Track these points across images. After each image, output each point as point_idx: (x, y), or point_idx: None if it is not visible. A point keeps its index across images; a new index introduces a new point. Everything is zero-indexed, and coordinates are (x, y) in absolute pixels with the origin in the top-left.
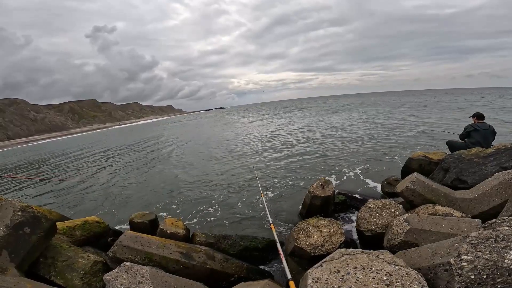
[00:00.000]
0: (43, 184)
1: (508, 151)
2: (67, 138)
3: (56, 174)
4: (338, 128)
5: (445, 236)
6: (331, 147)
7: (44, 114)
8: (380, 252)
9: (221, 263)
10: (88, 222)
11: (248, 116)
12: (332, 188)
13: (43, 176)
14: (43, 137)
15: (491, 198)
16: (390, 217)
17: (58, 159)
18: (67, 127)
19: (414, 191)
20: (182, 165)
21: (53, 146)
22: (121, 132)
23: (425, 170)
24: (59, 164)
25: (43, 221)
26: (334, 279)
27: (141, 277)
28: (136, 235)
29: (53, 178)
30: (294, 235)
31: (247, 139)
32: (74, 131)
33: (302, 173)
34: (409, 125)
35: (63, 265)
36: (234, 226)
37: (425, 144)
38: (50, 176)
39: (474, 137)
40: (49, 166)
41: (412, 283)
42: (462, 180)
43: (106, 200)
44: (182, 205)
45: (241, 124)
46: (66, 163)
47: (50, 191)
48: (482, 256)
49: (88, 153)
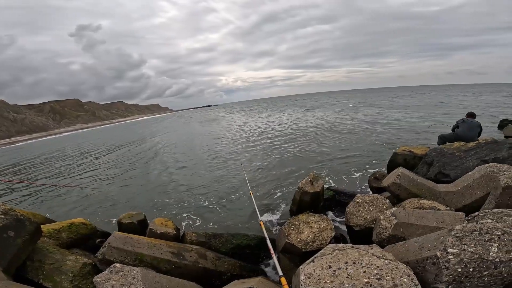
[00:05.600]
0: (24, 188)
1: (489, 145)
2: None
3: (31, 178)
4: (325, 124)
5: (431, 229)
6: (319, 143)
7: (24, 115)
8: (370, 247)
9: (214, 261)
10: (74, 224)
11: (235, 113)
12: (321, 184)
13: (21, 179)
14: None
15: (473, 191)
16: (377, 211)
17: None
18: (48, 128)
19: (399, 185)
20: (167, 164)
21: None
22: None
23: (410, 165)
24: (36, 167)
25: (27, 224)
26: (326, 274)
27: (132, 278)
28: (125, 236)
29: (27, 181)
30: (285, 231)
31: (233, 137)
32: (56, 132)
33: (290, 169)
34: (395, 121)
35: (51, 268)
36: (224, 224)
37: (410, 138)
38: (24, 179)
39: (461, 127)
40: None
41: (402, 276)
42: (445, 174)
43: (92, 202)
44: (171, 204)
45: (228, 122)
46: (46, 166)
47: (32, 195)
48: (467, 249)
49: (64, 155)
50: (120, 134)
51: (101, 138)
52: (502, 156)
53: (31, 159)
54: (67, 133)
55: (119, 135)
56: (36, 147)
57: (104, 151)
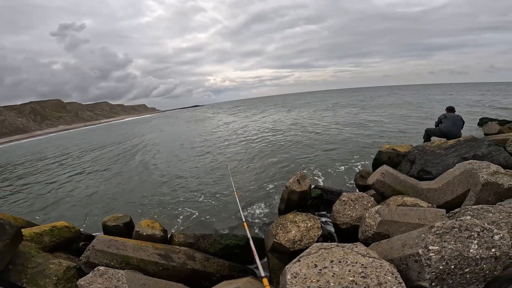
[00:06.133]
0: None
1: (468, 142)
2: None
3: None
4: (311, 123)
5: (413, 226)
6: (305, 142)
7: (4, 116)
8: (354, 245)
9: (202, 262)
10: (57, 228)
11: (221, 113)
12: (308, 183)
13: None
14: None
15: (454, 188)
16: (363, 209)
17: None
18: (29, 129)
19: (384, 183)
20: (151, 165)
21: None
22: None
23: (394, 162)
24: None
25: (7, 228)
26: (312, 273)
27: (117, 281)
28: (109, 239)
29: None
30: (272, 231)
31: (218, 137)
32: (37, 133)
33: (276, 168)
34: (379, 120)
35: (34, 271)
36: (212, 225)
37: (394, 136)
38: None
39: (445, 122)
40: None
41: (386, 274)
42: (427, 171)
43: (75, 205)
44: (156, 206)
45: (214, 122)
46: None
47: (14, 197)
48: (448, 246)
49: (45, 158)
50: (103, 135)
51: (86, 139)
52: (482, 153)
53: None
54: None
55: (102, 136)
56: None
57: (83, 152)
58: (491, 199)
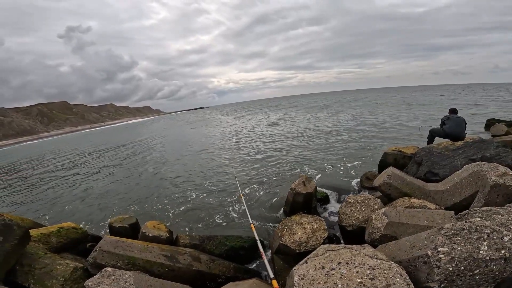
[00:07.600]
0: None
1: (476, 144)
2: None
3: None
4: (316, 125)
5: (421, 228)
6: (309, 144)
7: (11, 118)
8: (362, 247)
9: (208, 264)
10: (64, 228)
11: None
12: (314, 185)
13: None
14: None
15: (462, 190)
16: (369, 211)
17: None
18: (36, 131)
19: (390, 185)
20: (158, 167)
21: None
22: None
23: (400, 164)
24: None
25: (15, 229)
26: (319, 275)
27: (124, 282)
28: (116, 240)
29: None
30: (278, 233)
31: (223, 138)
32: (44, 135)
33: (282, 170)
34: (385, 121)
35: (41, 272)
36: (217, 227)
37: (401, 138)
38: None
39: (448, 124)
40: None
41: (394, 276)
42: (434, 173)
43: (82, 206)
44: (162, 207)
45: (219, 123)
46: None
47: (22, 198)
48: (457, 248)
49: (57, 159)
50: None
51: (93, 141)
52: (490, 154)
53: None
54: (56, 136)
55: (108, 138)
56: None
57: (92, 153)
58: (499, 200)
